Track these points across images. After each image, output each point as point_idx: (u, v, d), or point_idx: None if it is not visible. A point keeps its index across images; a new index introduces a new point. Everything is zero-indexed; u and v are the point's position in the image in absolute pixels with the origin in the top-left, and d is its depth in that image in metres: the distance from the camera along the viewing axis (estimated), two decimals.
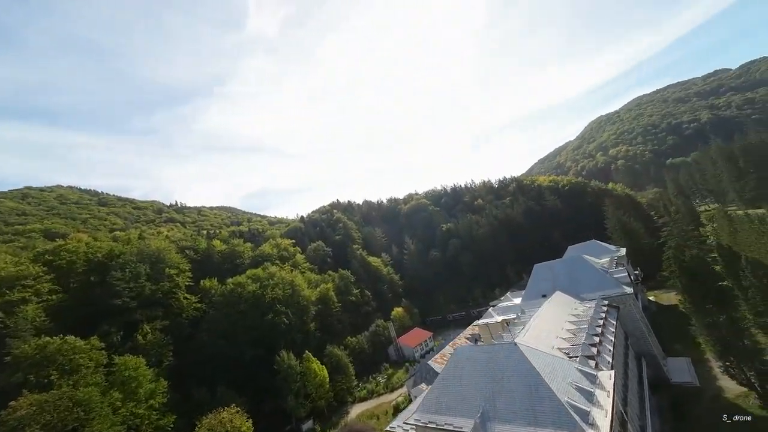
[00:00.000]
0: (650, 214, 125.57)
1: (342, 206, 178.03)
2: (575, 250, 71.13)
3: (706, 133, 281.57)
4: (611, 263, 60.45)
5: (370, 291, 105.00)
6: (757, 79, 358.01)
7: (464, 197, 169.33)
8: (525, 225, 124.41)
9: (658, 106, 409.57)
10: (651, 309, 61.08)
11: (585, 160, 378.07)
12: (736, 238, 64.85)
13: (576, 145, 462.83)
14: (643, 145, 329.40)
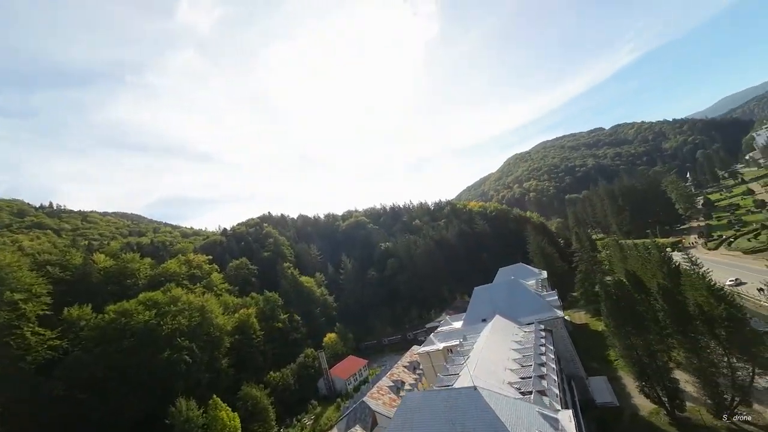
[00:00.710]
0: (558, 240, 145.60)
1: (274, 220, 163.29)
2: (505, 272, 75.17)
3: (593, 175, 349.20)
4: (537, 285, 64.76)
5: (300, 315, 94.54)
6: (623, 139, 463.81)
7: (403, 217, 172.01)
8: (458, 246, 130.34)
9: (558, 151, 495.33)
10: (568, 328, 66.45)
11: (505, 190, 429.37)
12: (626, 264, 76.98)
13: (497, 177, 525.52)
14: (549, 181, 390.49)
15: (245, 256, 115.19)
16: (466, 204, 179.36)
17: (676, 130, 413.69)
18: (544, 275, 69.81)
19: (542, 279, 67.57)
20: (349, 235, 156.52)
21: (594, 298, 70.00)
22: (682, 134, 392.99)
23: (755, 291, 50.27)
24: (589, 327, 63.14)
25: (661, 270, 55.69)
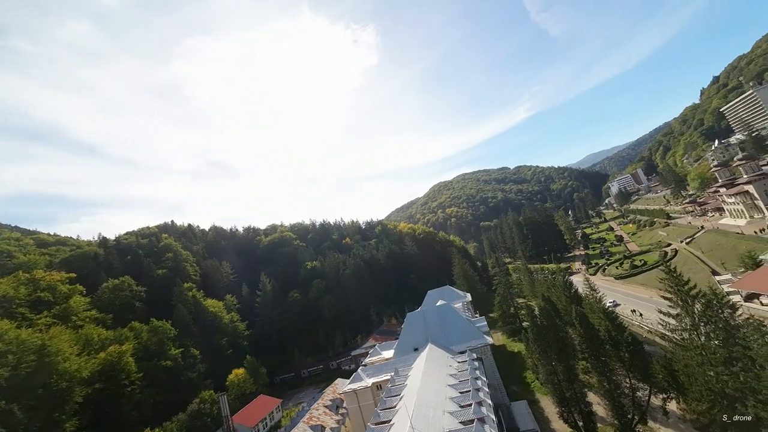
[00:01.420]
0: (477, 263, 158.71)
1: (177, 230, 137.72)
2: (434, 295, 75.63)
3: (502, 206, 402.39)
4: (463, 308, 66.14)
5: (201, 348, 77.81)
6: (523, 178, 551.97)
7: (332, 235, 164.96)
8: (388, 267, 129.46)
9: (475, 183, 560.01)
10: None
11: (430, 214, 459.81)
12: (535, 287, 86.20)
13: (424, 201, 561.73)
14: (467, 209, 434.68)
15: (131, 273, 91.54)
16: (397, 225, 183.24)
17: (560, 175, 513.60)
18: (469, 298, 72.48)
19: (467, 302, 69.74)
20: (271, 252, 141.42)
21: (510, 320, 75.54)
22: (564, 179, 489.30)
23: (629, 312, 60.18)
24: (506, 348, 66.63)
25: (565, 294, 63.13)
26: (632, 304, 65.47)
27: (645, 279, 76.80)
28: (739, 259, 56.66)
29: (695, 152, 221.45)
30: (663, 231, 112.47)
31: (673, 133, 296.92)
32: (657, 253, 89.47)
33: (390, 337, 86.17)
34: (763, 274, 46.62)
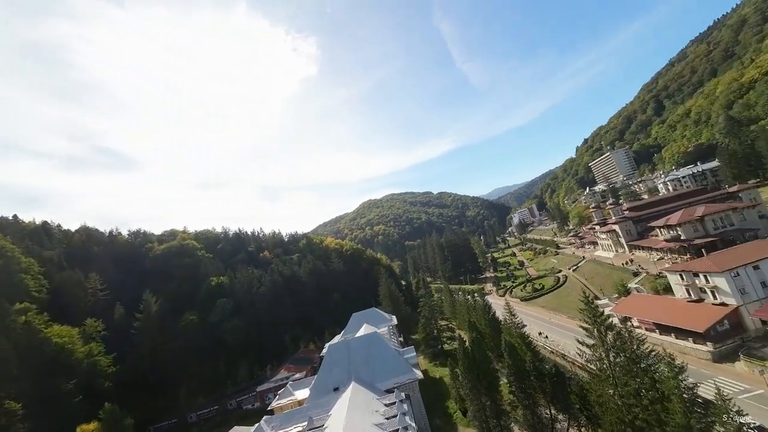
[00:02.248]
0: (401, 282, 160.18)
1: (20, 228, 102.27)
2: (358, 318, 70.37)
3: (426, 228, 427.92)
4: (389, 332, 62.47)
5: (29, 397, 55.00)
6: (444, 203, 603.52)
7: (249, 246, 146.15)
8: (310, 285, 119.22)
9: (402, 204, 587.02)
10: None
11: (358, 230, 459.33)
12: (455, 309, 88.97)
13: (353, 217, 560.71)
14: (394, 228, 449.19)
15: None
16: (324, 239, 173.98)
17: (474, 204, 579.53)
18: (395, 321, 69.59)
19: (393, 325, 66.62)
20: (165, 263, 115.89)
21: (433, 342, 75.06)
22: (477, 207, 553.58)
23: (536, 334, 65.62)
24: (429, 373, 65.01)
25: (485, 317, 65.53)
26: (537, 326, 72.04)
27: (544, 301, 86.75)
28: (614, 286, 67.95)
29: (573, 195, 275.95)
30: (554, 259, 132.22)
31: (558, 178, 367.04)
32: (552, 277, 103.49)
33: (306, 366, 76.73)
34: (633, 300, 55.84)
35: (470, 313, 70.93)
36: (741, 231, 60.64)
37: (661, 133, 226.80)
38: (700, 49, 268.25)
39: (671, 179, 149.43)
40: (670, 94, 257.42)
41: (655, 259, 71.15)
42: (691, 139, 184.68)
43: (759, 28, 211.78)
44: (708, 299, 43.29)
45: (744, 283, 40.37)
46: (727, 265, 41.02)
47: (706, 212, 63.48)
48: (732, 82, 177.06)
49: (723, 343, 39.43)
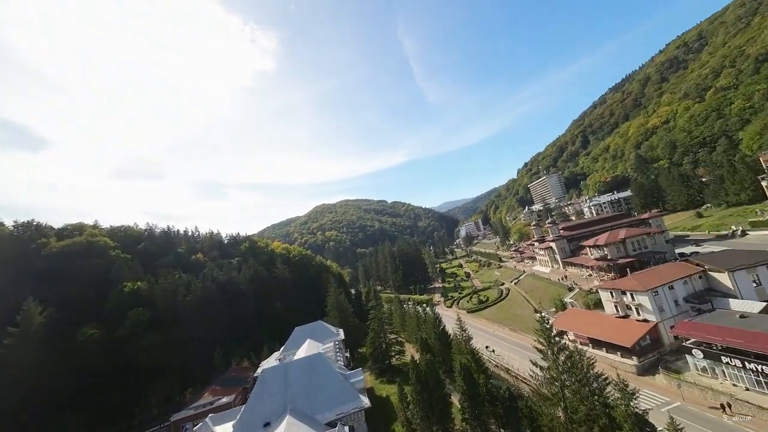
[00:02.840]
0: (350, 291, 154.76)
1: None
2: (302, 332, 63.99)
3: (378, 236, 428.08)
4: (335, 348, 57.41)
5: None
6: (397, 212, 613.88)
7: (179, 247, 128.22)
8: (249, 293, 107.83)
9: (356, 210, 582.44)
10: None
11: (309, 235, 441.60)
12: (405, 322, 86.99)
13: (304, 221, 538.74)
14: (347, 234, 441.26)
15: None
16: (270, 243, 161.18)
17: (426, 215, 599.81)
18: (341, 335, 64.71)
19: (340, 340, 61.71)
20: (65, 264, 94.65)
21: (381, 357, 71.46)
22: (429, 218, 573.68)
23: (483, 348, 66.25)
24: (375, 392, 61.17)
25: (434, 331, 64.18)
26: (483, 338, 73.19)
27: (489, 313, 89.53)
28: (551, 300, 72.30)
29: (514, 212, 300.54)
30: (498, 271, 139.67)
31: (501, 196, 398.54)
32: (496, 290, 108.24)
33: (236, 388, 67.22)
34: (569, 315, 59.32)
35: (420, 327, 69.35)
36: (653, 253, 69.37)
37: (586, 163, 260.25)
38: (616, 96, 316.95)
39: (594, 204, 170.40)
40: (594, 131, 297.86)
41: (586, 276, 77.94)
42: (609, 170, 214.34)
43: (659, 86, 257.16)
44: (633, 315, 47.33)
45: (662, 302, 44.85)
46: (650, 284, 45.31)
47: (627, 235, 71.51)
48: (640, 127, 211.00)
49: (645, 357, 42.88)
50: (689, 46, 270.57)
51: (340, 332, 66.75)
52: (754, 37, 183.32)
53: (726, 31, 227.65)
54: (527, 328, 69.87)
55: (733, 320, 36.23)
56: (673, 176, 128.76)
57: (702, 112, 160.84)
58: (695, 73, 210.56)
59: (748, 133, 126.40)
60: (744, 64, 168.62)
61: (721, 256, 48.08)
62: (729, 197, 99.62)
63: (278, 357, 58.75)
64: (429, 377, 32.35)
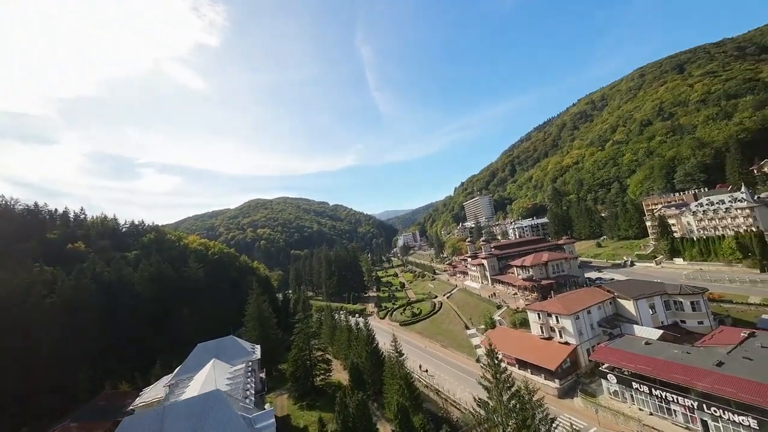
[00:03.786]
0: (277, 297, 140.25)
1: None
2: (207, 351, 52.29)
3: (316, 238, 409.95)
4: (246, 371, 47.79)
5: None
6: (338, 216, 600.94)
7: (50, 232, 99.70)
8: (146, 296, 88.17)
9: (295, 209, 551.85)
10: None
11: (237, 231, 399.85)
12: (334, 336, 79.86)
13: (233, 215, 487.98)
14: (281, 233, 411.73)
15: None
16: (183, 236, 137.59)
17: (366, 221, 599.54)
18: (257, 354, 54.91)
19: (254, 360, 52.03)
20: None
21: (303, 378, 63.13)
22: (369, 225, 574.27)
23: (417, 367, 63.30)
24: (291, 421, 52.89)
25: (366, 349, 58.95)
26: (416, 355, 70.75)
27: (422, 327, 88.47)
28: (481, 317, 73.95)
29: (449, 227, 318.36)
30: (431, 284, 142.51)
31: (438, 210, 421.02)
32: (429, 302, 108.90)
33: (104, 423, 51.64)
34: (497, 333, 60.44)
35: (351, 345, 63.60)
36: (569, 276, 76.75)
37: (512, 189, 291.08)
38: (539, 135, 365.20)
39: (518, 227, 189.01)
40: (520, 162, 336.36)
41: (512, 294, 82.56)
42: (530, 198, 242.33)
43: (572, 132, 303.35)
44: (556, 338, 49.60)
45: (581, 325, 47.82)
46: (573, 309, 48.01)
47: (549, 258, 77.91)
48: (556, 164, 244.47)
49: (565, 380, 44.59)
50: (595, 104, 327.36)
51: (256, 350, 56.78)
52: (639, 106, 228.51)
53: (621, 97, 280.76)
54: (458, 344, 69.93)
55: (640, 347, 39.60)
56: (581, 209, 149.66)
57: (602, 159, 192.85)
58: (598, 127, 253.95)
59: (633, 181, 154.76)
60: (632, 126, 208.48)
61: (627, 285, 54.18)
62: (620, 232, 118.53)
63: (168, 382, 46.40)
64: (358, 409, 26.95)
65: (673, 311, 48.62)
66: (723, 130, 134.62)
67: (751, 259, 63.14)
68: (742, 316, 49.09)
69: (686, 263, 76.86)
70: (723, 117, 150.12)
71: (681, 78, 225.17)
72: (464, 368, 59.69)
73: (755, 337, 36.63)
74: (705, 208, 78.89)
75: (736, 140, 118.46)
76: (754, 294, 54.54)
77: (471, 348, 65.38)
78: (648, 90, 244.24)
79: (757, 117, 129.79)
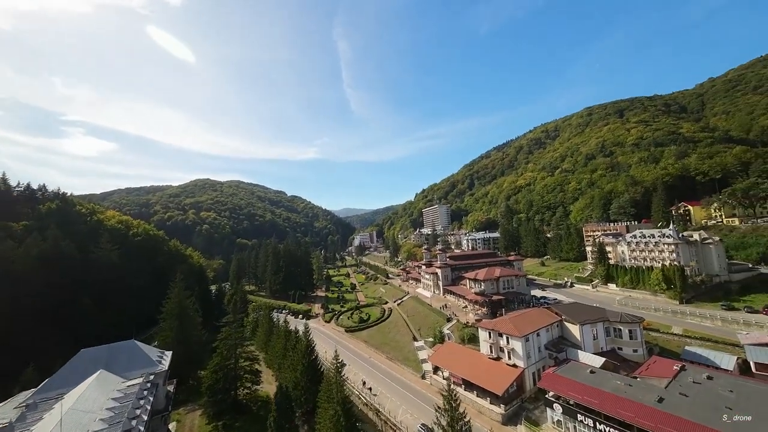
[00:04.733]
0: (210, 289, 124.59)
1: None
2: (92, 358, 41.15)
3: (267, 229, 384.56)
4: (141, 389, 38.11)
5: None
6: (295, 208, 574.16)
7: None
8: (33, 278, 70.47)
9: (249, 195, 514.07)
10: None
11: (177, 211, 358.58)
12: (270, 343, 71.02)
13: (175, 193, 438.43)
14: (228, 219, 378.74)
15: None
16: (101, 210, 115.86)
17: (324, 216, 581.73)
18: (165, 364, 44.86)
19: (158, 373, 42.18)
20: None
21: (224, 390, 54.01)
22: (326, 221, 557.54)
23: (359, 383, 57.83)
24: None
25: (303, 361, 52.12)
26: (359, 367, 65.47)
27: (368, 335, 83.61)
28: (431, 329, 71.37)
29: (406, 232, 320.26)
30: (383, 288, 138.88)
31: (397, 214, 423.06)
32: (378, 308, 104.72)
33: None
34: (446, 350, 57.84)
35: (287, 355, 56.07)
36: (518, 294, 78.03)
37: (469, 202, 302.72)
38: (497, 155, 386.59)
39: (471, 238, 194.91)
40: (479, 177, 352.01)
41: (462, 306, 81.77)
42: (485, 212, 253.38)
43: (527, 155, 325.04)
44: (504, 359, 48.13)
45: (530, 348, 46.86)
46: (525, 330, 46.88)
47: (501, 274, 78.50)
48: (511, 183, 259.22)
49: (510, 405, 42.88)
50: (549, 133, 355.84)
51: (165, 358, 46.56)
52: (585, 141, 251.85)
53: (571, 131, 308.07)
54: (404, 357, 66.28)
55: (585, 375, 39.20)
56: (530, 228, 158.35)
57: (551, 184, 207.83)
58: (550, 154, 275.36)
59: (575, 207, 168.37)
60: (579, 158, 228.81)
61: (572, 309, 55.25)
62: (563, 253, 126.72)
63: (25, 401, 34.84)
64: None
65: (612, 338, 50.13)
66: (651, 172, 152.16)
67: (673, 290, 69.55)
68: (667, 345, 52.53)
69: (618, 289, 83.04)
70: (652, 161, 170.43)
71: (621, 122, 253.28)
72: (409, 385, 55.92)
73: (686, 371, 37.98)
74: (638, 240, 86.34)
75: (663, 183, 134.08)
76: (676, 324, 59.29)
77: (417, 363, 62.07)
78: (594, 128, 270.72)
79: (678, 165, 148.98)
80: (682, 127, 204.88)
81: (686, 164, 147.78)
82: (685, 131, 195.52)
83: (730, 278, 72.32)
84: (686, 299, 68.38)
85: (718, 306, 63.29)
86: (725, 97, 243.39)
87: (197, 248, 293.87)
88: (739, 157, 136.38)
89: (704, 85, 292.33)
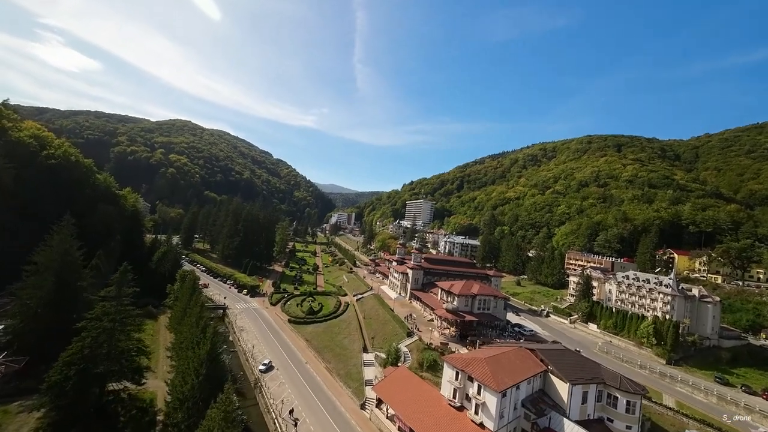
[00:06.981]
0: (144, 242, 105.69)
1: None
2: None
3: (242, 187, 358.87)
4: None
5: None
6: (277, 172, 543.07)
7: None
8: None
9: (231, 149, 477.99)
10: None
11: (144, 147, 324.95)
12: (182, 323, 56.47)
13: (149, 128, 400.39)
14: (201, 168, 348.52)
15: None
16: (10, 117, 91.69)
17: (306, 187, 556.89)
18: None
19: None
20: None
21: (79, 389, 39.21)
22: (308, 192, 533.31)
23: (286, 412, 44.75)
24: None
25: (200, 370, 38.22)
26: (287, 374, 52.59)
27: (313, 333, 70.88)
28: (386, 341, 59.61)
29: (386, 221, 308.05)
30: (346, 276, 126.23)
31: (381, 201, 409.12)
32: (334, 300, 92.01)
33: None
34: (396, 380, 46.04)
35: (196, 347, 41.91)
36: (492, 317, 67.86)
37: (455, 204, 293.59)
38: (492, 162, 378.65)
39: (450, 241, 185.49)
40: (470, 181, 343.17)
41: (428, 319, 70.76)
42: (468, 217, 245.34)
43: (521, 170, 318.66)
44: (470, 412, 36.97)
45: (506, 406, 35.85)
46: (504, 382, 35.67)
47: (479, 292, 67.74)
48: (500, 193, 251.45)
49: None
50: (546, 152, 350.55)
51: None
52: (581, 167, 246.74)
53: (568, 155, 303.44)
54: (347, 372, 54.11)
55: None
56: (512, 243, 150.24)
57: (540, 202, 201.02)
58: (544, 173, 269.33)
59: (560, 231, 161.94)
60: (572, 182, 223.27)
61: (561, 358, 44.92)
62: (542, 277, 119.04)
63: None
64: None
65: (604, 404, 40.25)
66: (644, 212, 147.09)
67: (662, 347, 61.81)
68: (660, 422, 43.61)
69: (599, 331, 75.17)
70: (645, 201, 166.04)
71: (618, 156, 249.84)
72: (342, 416, 43.75)
73: None
74: (630, 281, 78.34)
75: (655, 225, 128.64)
76: (665, 391, 51.01)
77: (360, 384, 50.07)
78: (591, 156, 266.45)
79: (671, 210, 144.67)
80: (676, 174, 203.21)
81: (679, 211, 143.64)
82: (679, 178, 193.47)
83: (720, 344, 65.62)
84: (675, 360, 60.71)
85: (711, 377, 55.80)
86: (719, 155, 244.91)
87: (157, 192, 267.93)
88: (732, 216, 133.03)
89: (700, 138, 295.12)
